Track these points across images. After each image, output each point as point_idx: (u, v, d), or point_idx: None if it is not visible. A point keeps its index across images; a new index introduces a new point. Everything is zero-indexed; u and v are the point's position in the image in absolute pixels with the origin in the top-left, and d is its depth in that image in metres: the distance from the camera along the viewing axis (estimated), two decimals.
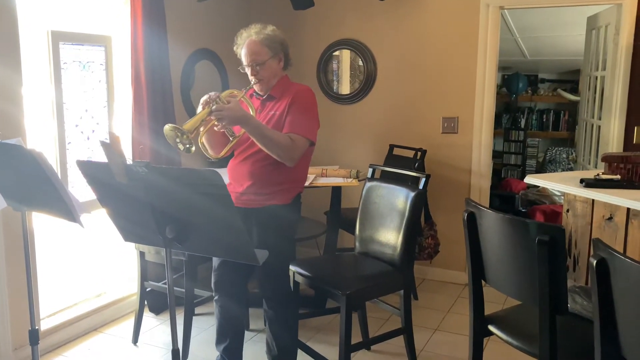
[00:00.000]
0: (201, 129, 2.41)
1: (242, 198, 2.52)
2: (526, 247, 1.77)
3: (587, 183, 2.50)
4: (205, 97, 2.35)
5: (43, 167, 1.89)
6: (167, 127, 2.23)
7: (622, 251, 2.32)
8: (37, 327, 2.27)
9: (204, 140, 2.52)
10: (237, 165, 2.56)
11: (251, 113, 2.45)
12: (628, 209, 2.37)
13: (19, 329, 2.86)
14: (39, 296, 3.02)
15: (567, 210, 2.72)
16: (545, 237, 1.69)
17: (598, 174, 2.58)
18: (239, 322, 2.75)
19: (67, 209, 1.98)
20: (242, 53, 2.49)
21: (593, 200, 2.54)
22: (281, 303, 2.62)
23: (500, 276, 1.96)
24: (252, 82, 2.49)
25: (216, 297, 2.72)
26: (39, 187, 1.99)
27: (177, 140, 2.23)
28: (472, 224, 1.99)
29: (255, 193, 2.50)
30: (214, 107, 2.29)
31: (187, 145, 2.23)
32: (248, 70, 2.49)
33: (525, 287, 1.84)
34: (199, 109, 2.35)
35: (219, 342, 2.75)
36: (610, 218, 2.47)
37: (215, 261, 2.69)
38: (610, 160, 2.63)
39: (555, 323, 1.76)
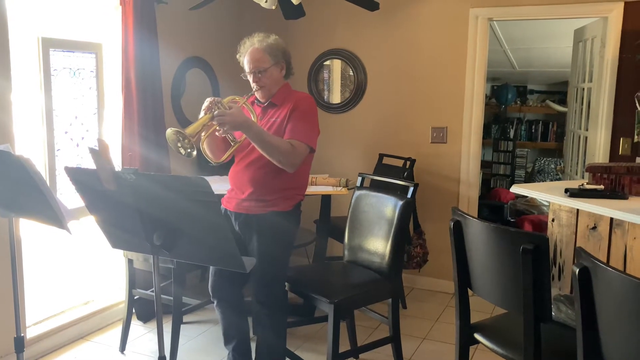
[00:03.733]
0: (202, 134, 2.43)
1: (243, 204, 2.55)
2: (511, 256, 1.79)
3: (572, 193, 2.53)
4: (207, 103, 2.37)
5: (31, 173, 1.89)
6: (170, 130, 2.25)
7: (605, 260, 2.36)
8: (22, 335, 2.25)
9: (205, 145, 2.54)
10: (238, 171, 2.58)
11: (253, 119, 2.47)
12: (611, 219, 2.40)
13: (5, 336, 2.83)
14: (26, 303, 2.99)
15: (553, 220, 2.75)
16: (530, 245, 1.71)
17: (582, 184, 2.62)
18: (241, 325, 2.78)
19: (54, 216, 1.98)
20: (245, 61, 2.52)
21: (577, 210, 2.57)
22: (276, 308, 2.62)
23: (486, 284, 1.98)
24: (254, 89, 2.52)
25: (215, 303, 2.76)
26: (26, 194, 1.98)
27: (179, 144, 2.25)
28: (458, 232, 2.02)
29: (257, 199, 2.51)
30: (216, 112, 2.31)
31: (189, 150, 2.25)
32: (250, 78, 2.52)
33: (510, 295, 1.86)
34: (201, 114, 2.37)
35: (226, 342, 2.79)
36: (594, 227, 2.50)
37: (212, 267, 2.71)
38: (594, 171, 2.67)
39: (540, 331, 1.78)
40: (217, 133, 2.43)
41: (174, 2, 3.75)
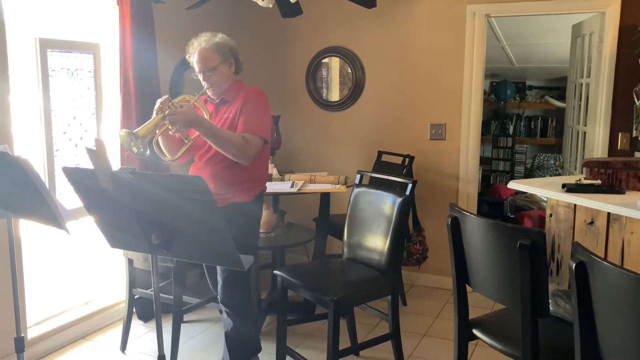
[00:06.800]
0: (157, 132, 2.50)
1: None
2: (508, 251, 1.80)
3: (569, 188, 2.53)
4: (158, 103, 2.44)
5: (29, 173, 1.89)
6: (123, 132, 2.33)
7: (603, 255, 2.37)
8: (23, 335, 2.26)
9: (160, 144, 2.62)
10: (198, 169, 2.67)
11: (205, 117, 2.56)
12: (608, 214, 2.41)
13: (5, 336, 2.84)
14: (26, 304, 3.00)
15: (550, 215, 2.75)
16: (527, 241, 1.71)
17: (580, 179, 2.62)
18: None
19: (53, 216, 1.98)
20: (194, 60, 2.61)
21: (575, 205, 2.58)
22: (240, 312, 2.61)
23: (484, 280, 1.99)
24: (205, 88, 2.60)
25: (217, 295, 2.79)
26: (25, 194, 1.99)
27: (132, 144, 2.33)
28: (456, 228, 2.02)
29: (218, 193, 2.57)
30: (167, 112, 2.39)
31: (142, 149, 2.33)
32: (200, 77, 2.61)
33: (508, 290, 1.87)
34: (154, 114, 2.44)
35: None
36: (591, 222, 2.51)
37: (204, 265, 2.73)
38: (591, 166, 2.67)
39: (537, 326, 1.78)
40: (170, 132, 2.50)
41: (171, 2, 3.75)
